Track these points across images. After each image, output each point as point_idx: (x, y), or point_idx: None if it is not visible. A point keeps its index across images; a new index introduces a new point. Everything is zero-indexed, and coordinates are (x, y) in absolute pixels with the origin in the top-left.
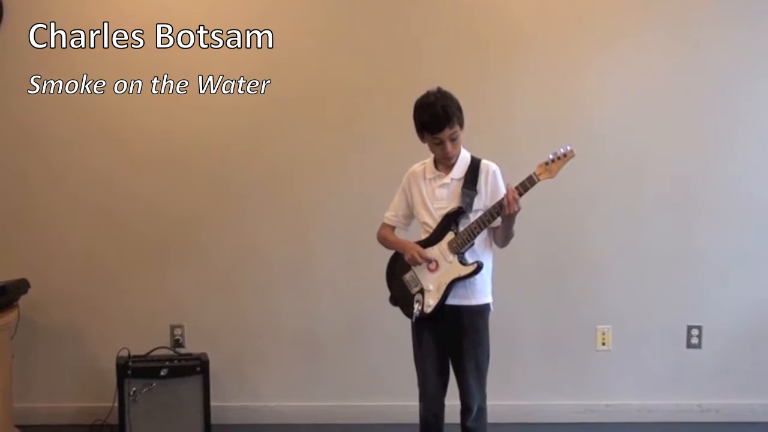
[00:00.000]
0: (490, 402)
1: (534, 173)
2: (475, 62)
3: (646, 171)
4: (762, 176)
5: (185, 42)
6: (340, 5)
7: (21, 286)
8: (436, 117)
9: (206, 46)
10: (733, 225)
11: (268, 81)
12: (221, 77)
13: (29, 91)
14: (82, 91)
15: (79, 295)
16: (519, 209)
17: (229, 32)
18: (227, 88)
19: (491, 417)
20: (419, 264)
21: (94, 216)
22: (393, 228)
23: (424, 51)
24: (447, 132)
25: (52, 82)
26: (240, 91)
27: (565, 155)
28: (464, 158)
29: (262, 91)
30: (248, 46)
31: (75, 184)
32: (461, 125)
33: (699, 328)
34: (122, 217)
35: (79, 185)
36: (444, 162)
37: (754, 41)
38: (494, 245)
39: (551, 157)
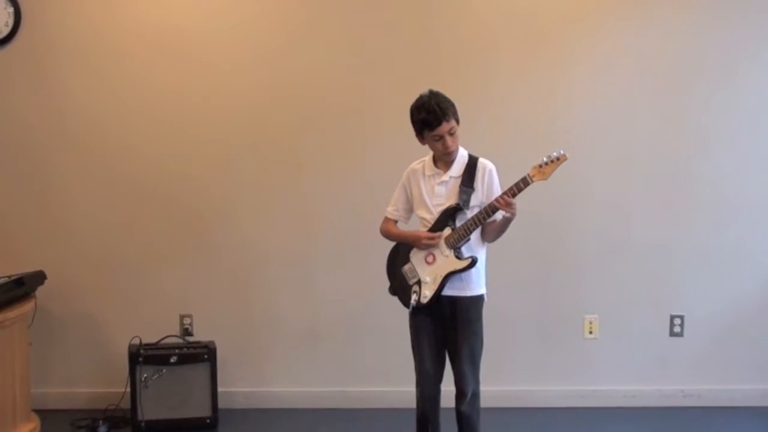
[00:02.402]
0: (484, 387)
1: (528, 175)
2: (470, 66)
3: (630, 169)
4: (740, 174)
5: (189, 41)
6: (341, 11)
7: (38, 278)
8: (432, 113)
9: (209, 47)
10: (713, 219)
11: (272, 81)
12: (227, 78)
13: (45, 93)
14: (94, 93)
15: (94, 286)
16: (515, 212)
17: (231, 34)
18: (232, 88)
19: (484, 402)
20: (433, 245)
21: (108, 212)
22: (395, 222)
23: (422, 54)
24: (445, 126)
25: (67, 83)
26: (245, 92)
27: (558, 159)
28: (462, 156)
29: (266, 92)
30: (250, 47)
31: (89, 182)
32: (457, 120)
33: (681, 317)
34: (135, 213)
35: (93, 183)
36: (445, 158)
37: (734, 46)
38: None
39: (545, 160)
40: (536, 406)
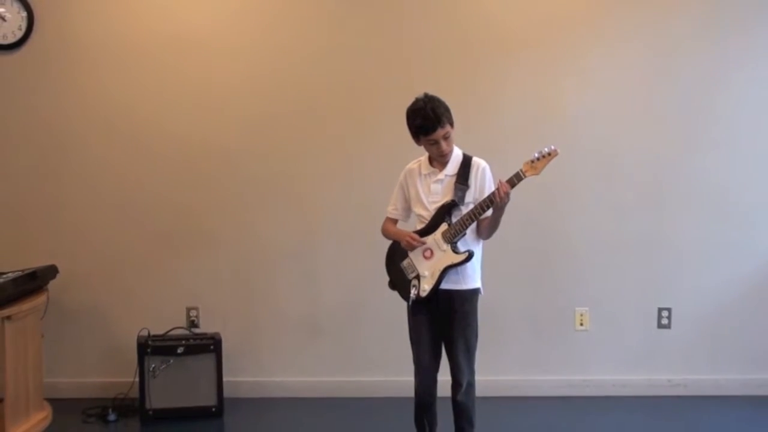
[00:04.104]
0: (479, 377)
1: (521, 170)
2: (467, 67)
3: (620, 167)
4: (724, 171)
5: (196, 47)
6: (344, 13)
7: (50, 272)
8: (427, 120)
9: (215, 48)
10: (699, 216)
11: (275, 83)
12: (232, 82)
13: (58, 95)
14: (104, 95)
15: (104, 280)
16: (508, 201)
17: (237, 36)
18: (236, 90)
19: (479, 391)
20: (415, 248)
21: (118, 209)
22: (395, 221)
23: (421, 56)
24: (440, 132)
25: (76, 82)
26: (249, 94)
27: (549, 154)
28: (457, 156)
29: (269, 93)
30: (255, 48)
31: (100, 180)
32: (451, 124)
33: (669, 310)
34: (143, 210)
35: (103, 181)
36: (440, 160)
37: (722, 50)
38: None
39: (536, 155)
40: (529, 395)
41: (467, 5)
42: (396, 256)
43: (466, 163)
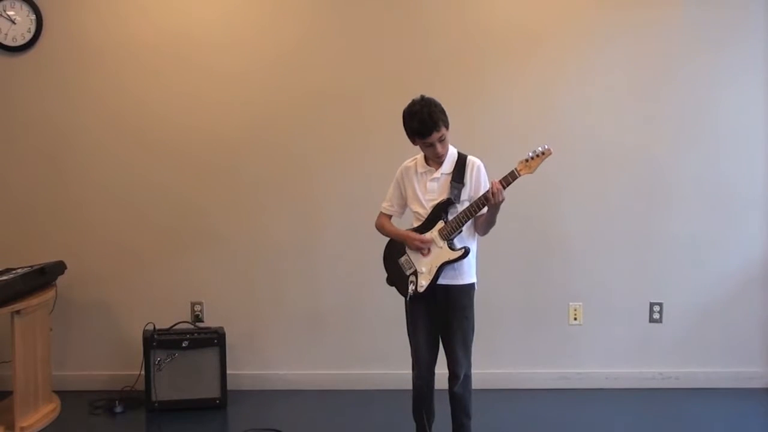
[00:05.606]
0: (475, 370)
1: (515, 169)
2: (464, 68)
3: (613, 164)
4: (715, 168)
5: (201, 46)
6: (345, 12)
7: (59, 268)
8: (423, 123)
9: (220, 49)
10: (689, 212)
11: (278, 82)
12: (235, 79)
13: (66, 95)
14: (112, 95)
15: (110, 275)
16: (503, 199)
17: (241, 36)
18: (243, 87)
19: (476, 383)
20: (424, 249)
21: (124, 205)
22: (390, 217)
23: (417, 60)
24: (435, 135)
25: (83, 82)
26: (254, 91)
27: (543, 153)
28: (452, 155)
29: (273, 95)
30: (258, 48)
31: (107, 178)
32: (447, 126)
33: (660, 304)
34: (149, 206)
35: (110, 179)
36: (435, 160)
37: (716, 51)
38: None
39: (531, 154)
40: (524, 388)
41: (465, 11)
42: (393, 252)
43: (461, 162)
